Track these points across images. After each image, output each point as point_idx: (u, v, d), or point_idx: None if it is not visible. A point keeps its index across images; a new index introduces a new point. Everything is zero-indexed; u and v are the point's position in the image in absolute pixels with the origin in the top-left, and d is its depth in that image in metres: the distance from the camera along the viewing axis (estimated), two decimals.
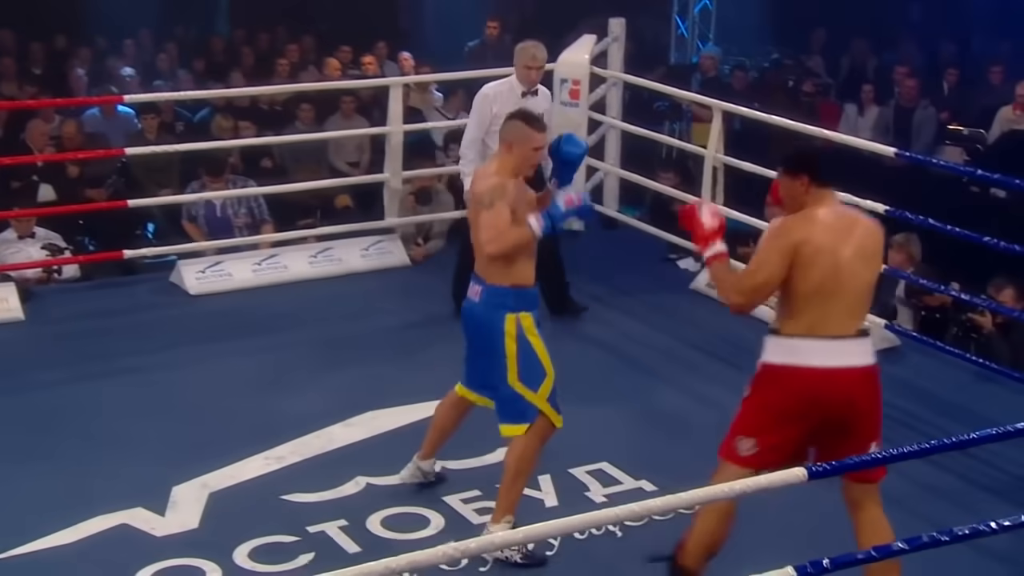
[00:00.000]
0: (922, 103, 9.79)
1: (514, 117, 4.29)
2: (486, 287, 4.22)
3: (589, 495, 4.69)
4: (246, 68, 10.48)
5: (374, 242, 7.05)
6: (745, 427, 3.81)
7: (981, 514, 3.39)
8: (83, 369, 5.70)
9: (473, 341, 4.36)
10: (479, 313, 4.25)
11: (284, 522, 4.50)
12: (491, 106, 5.91)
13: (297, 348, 6.01)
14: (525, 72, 5.98)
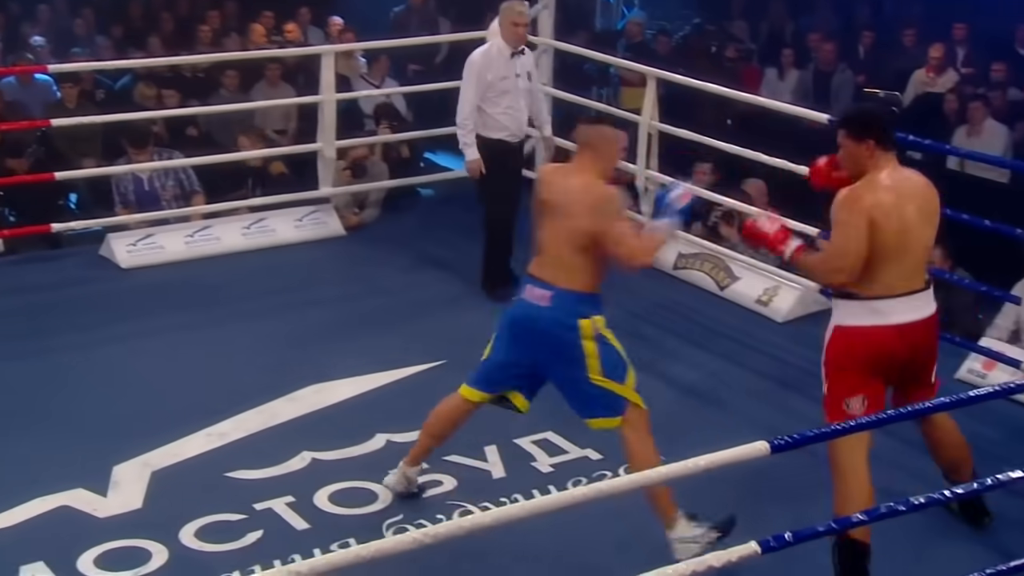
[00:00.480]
0: (840, 67, 9.84)
1: (591, 122, 4.18)
2: (558, 292, 3.96)
3: (536, 465, 4.64)
4: (165, 34, 10.16)
5: (308, 212, 6.89)
6: (849, 388, 3.92)
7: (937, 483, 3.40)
8: (15, 347, 5.49)
9: (534, 344, 4.04)
10: (548, 318, 3.98)
11: (230, 500, 4.39)
12: (485, 74, 5.82)
13: (234, 321, 5.86)
14: (513, 30, 5.86)
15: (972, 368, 5.21)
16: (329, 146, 6.72)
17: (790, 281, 5.94)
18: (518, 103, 5.94)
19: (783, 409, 5.07)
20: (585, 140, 4.05)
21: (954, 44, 9.80)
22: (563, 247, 3.97)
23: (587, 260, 3.97)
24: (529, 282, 4.05)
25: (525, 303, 4.05)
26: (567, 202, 3.96)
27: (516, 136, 5.98)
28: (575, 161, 4.09)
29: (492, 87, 5.81)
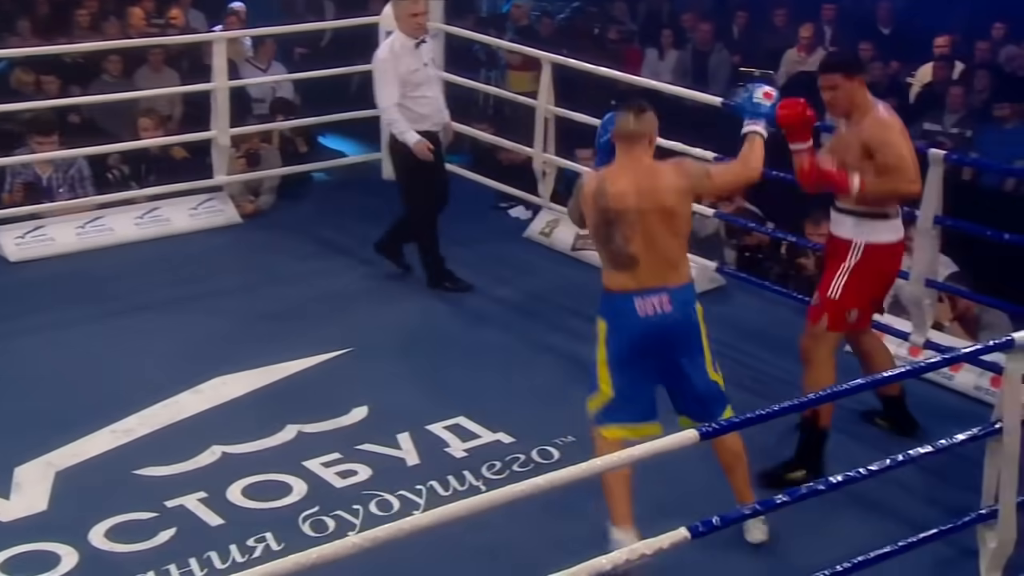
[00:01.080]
0: (716, 46, 9.95)
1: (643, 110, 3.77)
2: (673, 290, 3.74)
3: (449, 451, 4.57)
4: (38, 18, 9.69)
5: (203, 200, 6.67)
6: (858, 300, 4.25)
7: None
8: None
9: (672, 354, 3.78)
10: (678, 320, 3.74)
11: (140, 498, 4.22)
12: (397, 69, 5.65)
13: (132, 314, 5.64)
14: (412, 21, 5.71)
15: None
16: (223, 134, 6.51)
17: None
18: (433, 91, 5.86)
19: None
20: (641, 132, 3.74)
21: (822, 24, 9.99)
22: (663, 244, 3.72)
23: (684, 248, 3.83)
24: (637, 295, 3.71)
25: (643, 320, 3.72)
26: (654, 196, 3.69)
27: (437, 124, 5.89)
28: (627, 156, 3.75)
29: (406, 81, 5.69)
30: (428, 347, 5.42)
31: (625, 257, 3.71)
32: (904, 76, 8.93)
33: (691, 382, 3.78)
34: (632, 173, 3.72)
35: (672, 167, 3.78)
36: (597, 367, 3.79)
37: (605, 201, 3.72)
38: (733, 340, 5.47)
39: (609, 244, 3.74)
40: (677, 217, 3.73)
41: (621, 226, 3.70)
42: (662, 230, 3.70)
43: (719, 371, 3.87)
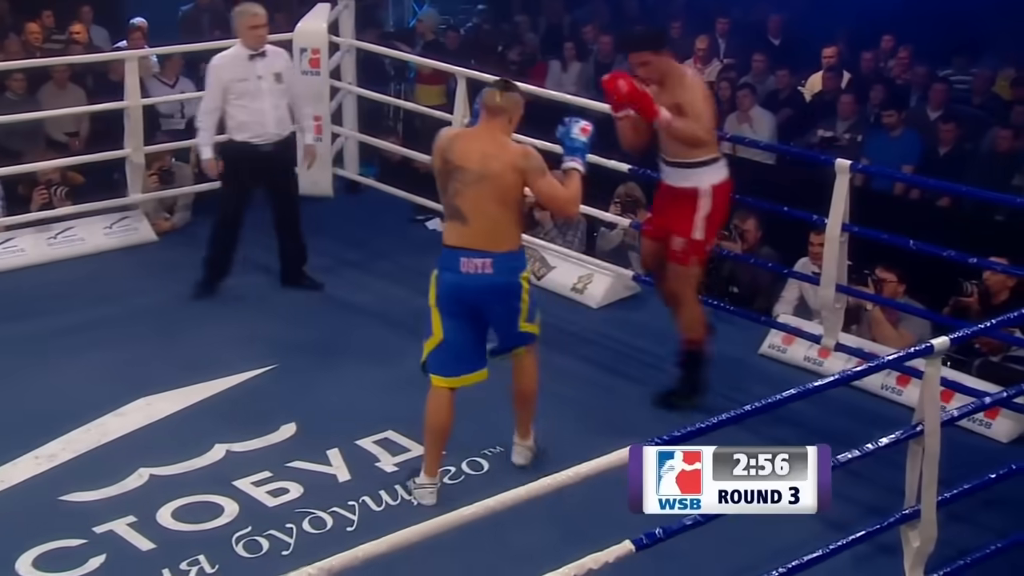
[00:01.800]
0: (618, 58, 9.99)
1: (507, 87, 4.12)
2: (498, 256, 4.02)
3: (380, 465, 4.49)
4: None
5: (118, 219, 6.47)
6: (713, 235, 4.81)
7: None
8: None
9: (481, 309, 4.12)
10: (492, 283, 4.05)
11: (67, 525, 4.06)
12: (222, 76, 5.63)
13: (49, 336, 5.44)
14: (249, 33, 5.64)
15: (773, 343, 5.39)
16: (137, 152, 6.34)
17: (602, 269, 5.99)
18: (259, 105, 5.68)
19: (610, 392, 5.09)
20: (502, 108, 4.03)
21: (716, 36, 10.13)
22: (492, 210, 3.98)
23: (516, 218, 4.06)
24: (462, 254, 4.02)
25: (464, 276, 4.04)
26: (493, 165, 3.97)
27: (261, 138, 5.72)
28: (485, 125, 4.06)
29: (229, 90, 5.61)
30: (352, 360, 5.33)
31: (454, 209, 4.03)
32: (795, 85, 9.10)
33: (500, 332, 4.22)
34: (482, 140, 4.04)
35: (519, 148, 4.07)
36: (431, 311, 4.12)
37: (450, 154, 4.03)
38: (649, 345, 5.51)
39: (444, 195, 4.06)
40: (509, 190, 3.99)
41: (456, 181, 4.00)
42: (493, 198, 3.98)
43: (536, 321, 4.24)
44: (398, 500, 4.28)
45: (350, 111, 7.21)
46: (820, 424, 4.41)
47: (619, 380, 5.20)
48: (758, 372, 5.25)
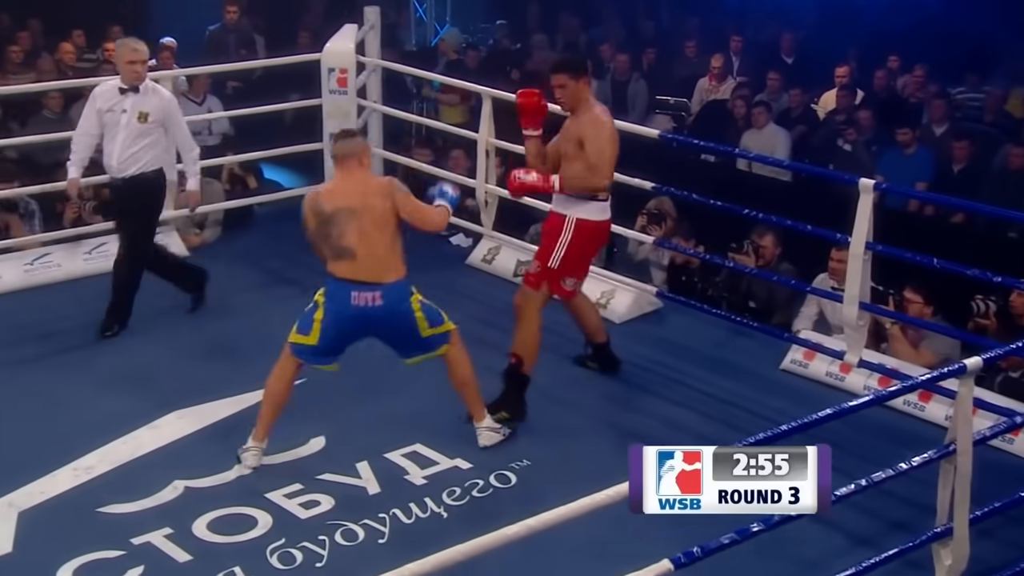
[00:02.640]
0: (634, 76, 10.00)
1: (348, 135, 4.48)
2: (387, 287, 4.29)
3: (409, 478, 4.47)
4: None
5: None
6: (575, 270, 4.85)
7: None
8: None
9: (370, 333, 4.40)
10: (384, 313, 4.30)
11: (105, 536, 4.05)
12: (95, 103, 5.51)
13: (83, 349, 5.44)
14: (128, 67, 5.45)
15: (795, 359, 5.34)
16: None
17: (625, 284, 5.96)
18: (113, 139, 5.49)
19: (630, 407, 5.07)
20: (351, 151, 4.34)
21: (731, 54, 10.11)
22: (376, 241, 4.25)
23: (397, 245, 4.34)
24: (353, 288, 4.26)
25: (355, 308, 4.27)
26: (363, 199, 4.25)
27: (112, 171, 5.56)
28: (343, 171, 4.34)
29: (100, 117, 5.50)
30: (379, 374, 5.29)
31: (341, 250, 4.25)
32: (808, 103, 9.07)
33: (402, 344, 4.45)
34: (343, 182, 4.32)
35: (380, 179, 4.48)
36: (314, 318, 4.34)
37: (319, 205, 4.29)
38: (671, 360, 5.49)
39: (328, 240, 4.28)
40: (385, 217, 4.26)
41: (335, 224, 4.24)
42: (372, 227, 4.24)
43: (440, 322, 4.46)
44: (427, 512, 4.25)
45: (375, 129, 7.20)
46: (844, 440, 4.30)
47: (641, 394, 5.17)
48: (781, 387, 5.21)
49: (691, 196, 5.73)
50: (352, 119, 6.83)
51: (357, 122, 6.93)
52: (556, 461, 4.54)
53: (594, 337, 5.22)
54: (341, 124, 6.49)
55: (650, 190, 5.75)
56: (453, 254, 6.80)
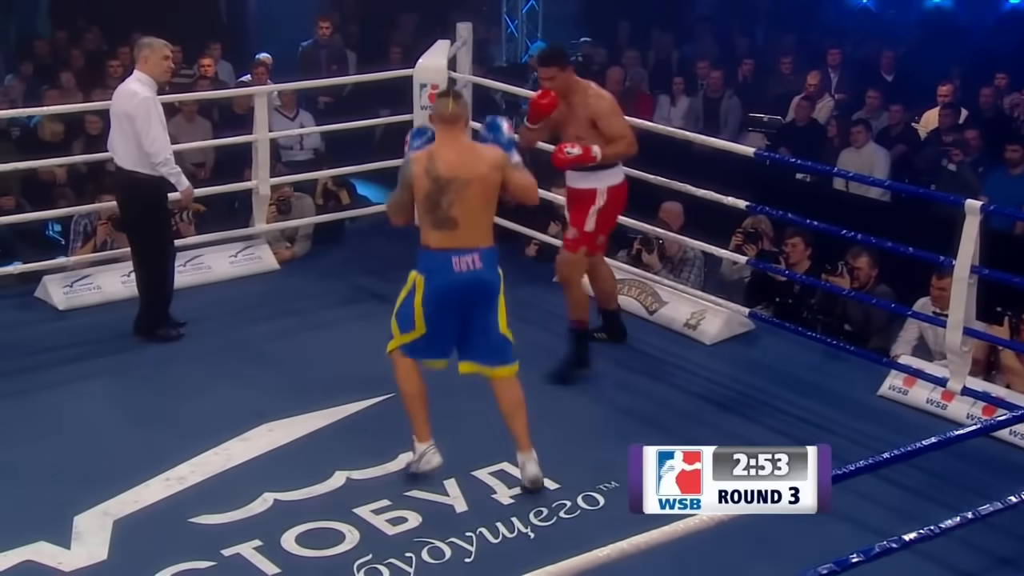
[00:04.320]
0: (727, 93, 9.95)
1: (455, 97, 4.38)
2: (484, 251, 4.32)
3: (496, 497, 4.49)
4: (76, 70, 9.69)
5: (242, 248, 6.62)
6: (605, 229, 5.35)
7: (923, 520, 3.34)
8: None
9: (467, 306, 4.35)
10: (486, 277, 4.32)
11: (196, 546, 4.14)
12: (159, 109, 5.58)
13: (176, 360, 5.57)
14: (167, 63, 5.63)
15: (894, 385, 5.25)
16: (264, 184, 6.48)
17: (716, 305, 5.92)
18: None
19: (720, 431, 5.00)
20: (462, 114, 4.33)
21: (828, 71, 10.00)
22: (479, 210, 4.28)
23: (493, 215, 4.40)
24: (453, 254, 4.27)
25: (457, 275, 4.28)
26: (475, 169, 4.25)
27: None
28: (448, 135, 4.29)
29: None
30: (464, 390, 5.31)
31: (446, 219, 4.25)
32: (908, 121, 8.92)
33: (486, 332, 4.36)
34: (455, 149, 4.27)
35: (494, 149, 4.37)
36: (414, 305, 4.32)
37: (436, 171, 4.24)
38: (762, 383, 5.43)
39: (436, 210, 4.25)
40: (493, 188, 4.30)
41: (448, 193, 4.22)
42: (481, 199, 4.27)
43: (510, 331, 4.41)
44: (515, 532, 4.27)
45: None
46: (948, 470, 4.30)
47: (731, 417, 5.12)
48: (878, 414, 5.13)
49: (786, 215, 5.70)
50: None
51: None
52: None
53: (606, 304, 5.60)
54: None
55: (744, 209, 5.71)
56: (541, 271, 6.82)
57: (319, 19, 10.28)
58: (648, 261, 6.45)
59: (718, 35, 11.66)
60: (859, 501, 4.16)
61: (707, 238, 6.09)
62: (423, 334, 4.36)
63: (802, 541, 3.88)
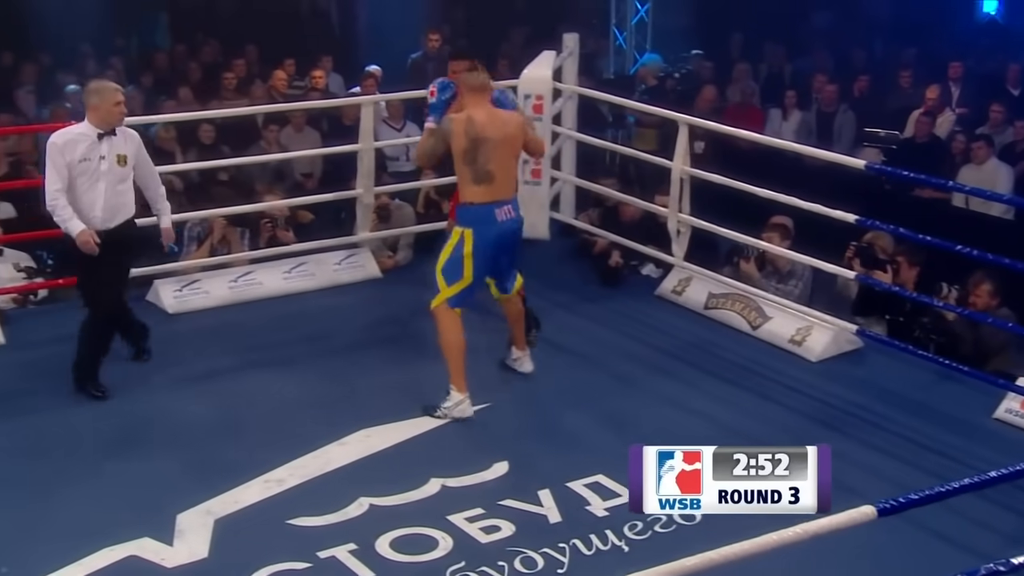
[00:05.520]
0: (841, 107, 9.79)
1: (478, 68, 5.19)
2: (514, 201, 5.13)
3: (590, 509, 4.50)
4: (193, 83, 10.04)
5: (346, 256, 6.76)
6: None
7: None
8: (69, 395, 5.31)
9: (508, 251, 5.16)
10: (518, 224, 5.17)
11: (293, 548, 4.24)
12: (64, 156, 5.02)
13: (280, 365, 5.71)
14: (116, 109, 5.09)
15: (1010, 408, 5.10)
16: (368, 192, 6.61)
17: (823, 321, 5.83)
18: (93, 188, 5.08)
19: None
20: (488, 83, 5.07)
21: (949, 84, 9.76)
22: (510, 165, 5.08)
23: (517, 170, 5.26)
24: (495, 207, 5.01)
25: (501, 224, 5.04)
26: (505, 131, 5.00)
27: (104, 221, 5.13)
28: (478, 101, 5.01)
29: (73, 170, 5.03)
30: (564, 402, 5.37)
31: (485, 174, 4.97)
32: None
33: (510, 269, 5.25)
34: (487, 113, 5.02)
35: (514, 114, 5.20)
36: (463, 255, 5.00)
37: (474, 131, 4.95)
38: (870, 402, 5.33)
39: (474, 164, 4.96)
40: (519, 146, 5.11)
41: (483, 149, 4.94)
42: (511, 155, 5.08)
43: None
44: (608, 545, 4.27)
45: (568, 156, 7.32)
46: None
47: (836, 436, 5.02)
48: (993, 437, 4.99)
49: (899, 231, 5.59)
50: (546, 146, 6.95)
51: (551, 148, 7.04)
52: None
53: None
54: None
55: (853, 223, 5.61)
56: (642, 284, 6.81)
57: (429, 31, 10.44)
58: (746, 270, 6.39)
59: (834, 48, 11.48)
60: (966, 523, 4.07)
61: (820, 253, 5.98)
62: (469, 283, 5.03)
63: (907, 560, 3.80)
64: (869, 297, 6.17)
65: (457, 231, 5.05)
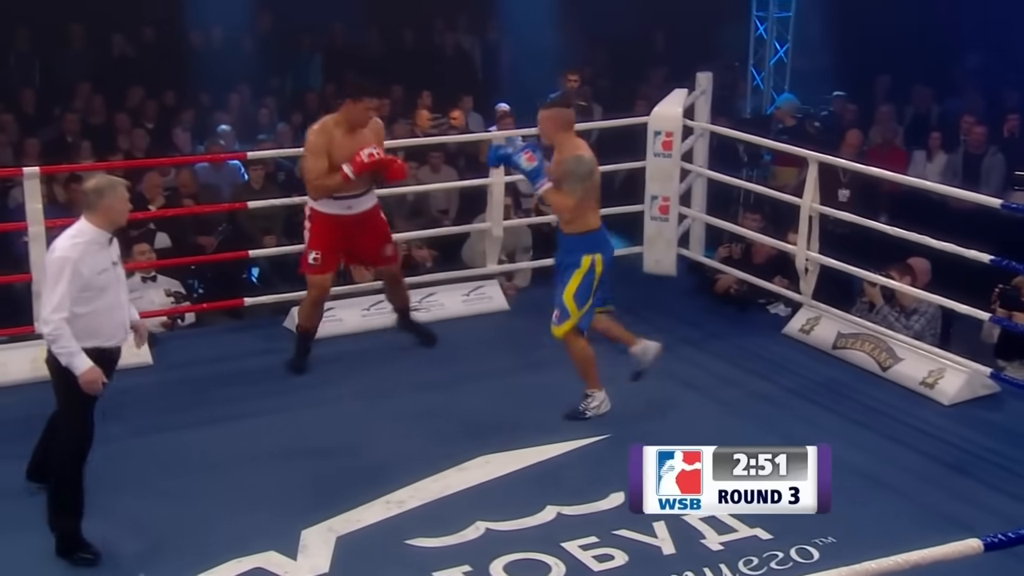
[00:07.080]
0: (990, 149, 9.52)
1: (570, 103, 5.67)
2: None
3: (705, 543, 4.49)
4: None
5: (474, 287, 6.93)
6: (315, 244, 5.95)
7: None
8: (209, 413, 5.61)
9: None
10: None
11: (410, 568, 4.37)
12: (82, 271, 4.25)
13: (406, 391, 5.88)
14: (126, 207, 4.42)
15: None
16: (497, 225, 6.77)
17: (957, 364, 5.68)
18: (118, 298, 4.41)
19: (955, 494, 4.82)
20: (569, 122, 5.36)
21: None
22: None
23: None
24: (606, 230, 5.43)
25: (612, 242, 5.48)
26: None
27: (116, 339, 4.44)
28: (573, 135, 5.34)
29: (88, 286, 4.26)
30: (680, 435, 5.29)
31: (598, 201, 5.38)
32: None
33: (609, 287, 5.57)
34: (583, 146, 5.37)
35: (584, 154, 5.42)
36: (594, 278, 5.30)
37: (595, 162, 5.34)
38: (1004, 448, 5.20)
39: (596, 192, 5.35)
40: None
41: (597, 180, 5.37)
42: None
43: None
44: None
45: (699, 194, 7.34)
46: None
47: (965, 480, 4.90)
48: None
49: None
50: (675, 182, 7.00)
51: (680, 186, 7.07)
52: (865, 542, 4.38)
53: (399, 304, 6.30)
54: (663, 187, 6.70)
55: (988, 263, 5.47)
56: (770, 322, 6.76)
57: (567, 73, 10.61)
58: (871, 294, 6.28)
59: (985, 89, 11.17)
60: None
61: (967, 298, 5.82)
62: (591, 305, 5.34)
63: None
64: (1012, 340, 5.99)
65: (587, 258, 5.29)
